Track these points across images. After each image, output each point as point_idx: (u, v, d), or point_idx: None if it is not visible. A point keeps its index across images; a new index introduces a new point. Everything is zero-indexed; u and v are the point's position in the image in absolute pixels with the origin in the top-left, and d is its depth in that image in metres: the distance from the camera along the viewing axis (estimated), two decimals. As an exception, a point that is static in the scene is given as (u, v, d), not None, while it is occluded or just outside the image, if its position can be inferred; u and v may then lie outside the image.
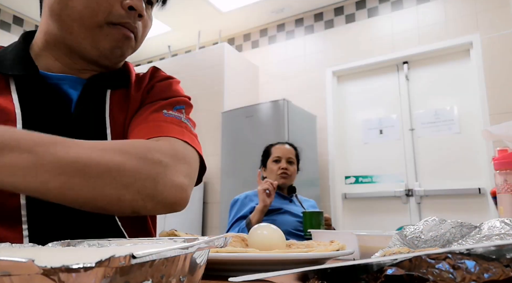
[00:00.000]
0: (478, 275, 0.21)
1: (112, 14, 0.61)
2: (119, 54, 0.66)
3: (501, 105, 2.84)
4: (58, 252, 0.25)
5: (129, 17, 0.63)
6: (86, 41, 0.63)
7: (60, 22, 0.63)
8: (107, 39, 0.63)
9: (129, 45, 0.66)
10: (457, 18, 3.14)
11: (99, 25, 0.61)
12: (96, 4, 0.60)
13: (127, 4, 0.62)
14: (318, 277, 0.24)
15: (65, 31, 0.63)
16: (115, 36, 0.63)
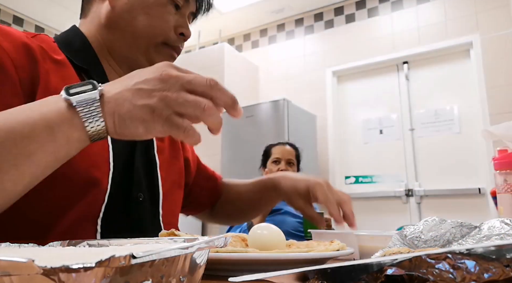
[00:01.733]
0: (478, 275, 0.21)
1: (169, 38, 0.69)
2: None
3: (501, 105, 2.84)
4: (58, 252, 0.25)
5: (179, 41, 0.72)
6: (143, 56, 0.69)
7: (121, 35, 0.68)
8: (159, 57, 0.69)
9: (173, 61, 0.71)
10: (457, 18, 3.14)
11: (156, 45, 0.68)
12: (158, 27, 0.68)
13: (179, 31, 0.70)
14: (318, 277, 0.24)
15: (124, 44, 0.68)
16: (166, 56, 0.70)
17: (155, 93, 0.40)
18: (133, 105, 0.40)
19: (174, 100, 0.40)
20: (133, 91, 0.40)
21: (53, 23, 4.04)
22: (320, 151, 3.50)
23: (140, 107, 0.40)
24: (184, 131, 0.41)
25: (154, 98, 0.40)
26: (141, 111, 0.40)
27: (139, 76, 0.42)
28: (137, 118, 0.40)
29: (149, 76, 0.41)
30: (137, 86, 0.41)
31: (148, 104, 0.40)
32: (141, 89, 0.40)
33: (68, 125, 0.40)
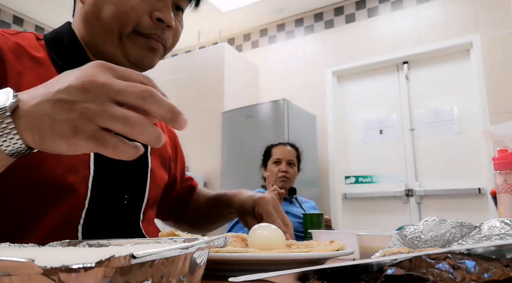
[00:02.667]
0: (478, 275, 0.21)
1: (141, 25, 0.63)
2: (148, 64, 0.67)
3: (501, 105, 2.84)
4: (58, 252, 0.25)
5: (157, 28, 0.64)
6: (117, 50, 0.64)
7: (93, 30, 0.64)
8: (135, 49, 0.64)
9: (156, 55, 0.67)
10: (457, 18, 3.14)
11: (128, 35, 0.63)
12: (125, 14, 0.62)
13: (155, 16, 0.63)
14: (318, 277, 0.24)
15: (98, 40, 0.64)
16: (141, 46, 0.64)
17: (77, 105, 0.34)
18: (53, 120, 0.34)
19: (98, 115, 0.34)
20: (53, 103, 0.34)
21: (53, 23, 4.04)
22: (320, 151, 3.50)
23: (61, 122, 0.34)
24: (113, 149, 0.35)
25: (75, 112, 0.34)
26: (62, 127, 0.34)
27: (62, 82, 0.35)
28: (58, 135, 0.35)
29: (72, 83, 0.35)
30: (58, 96, 0.34)
31: (69, 119, 0.34)
32: (61, 100, 0.34)
33: None
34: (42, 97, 0.35)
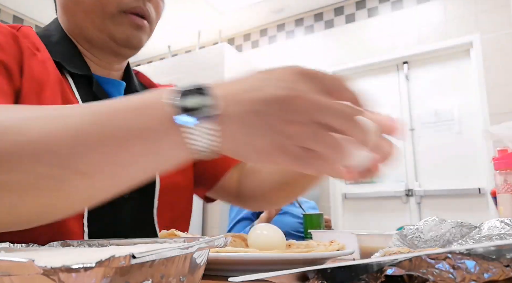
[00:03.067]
0: (478, 275, 0.21)
1: (122, 2, 0.61)
2: (136, 43, 0.65)
3: (501, 105, 2.84)
4: (58, 252, 0.25)
5: (138, 1, 0.62)
6: (102, 34, 0.62)
7: (75, 18, 0.63)
8: (120, 29, 0.62)
9: (143, 32, 0.65)
10: (457, 18, 3.14)
11: (111, 16, 0.61)
12: None
13: None
14: (318, 277, 0.24)
15: (82, 27, 0.63)
16: (127, 25, 0.62)
17: (279, 123, 0.31)
18: (253, 134, 0.32)
19: (304, 138, 0.32)
20: (251, 114, 0.31)
21: (53, 23, 4.04)
22: (320, 151, 3.50)
23: (261, 137, 0.32)
24: (317, 170, 0.33)
25: (277, 130, 0.31)
26: (262, 143, 0.32)
27: (263, 91, 0.32)
28: (257, 150, 0.33)
29: (275, 95, 0.31)
30: (258, 107, 0.31)
31: (271, 138, 0.32)
32: (259, 113, 0.31)
33: (170, 143, 0.32)
34: (241, 105, 0.32)
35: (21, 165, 0.29)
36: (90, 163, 0.30)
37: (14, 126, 0.30)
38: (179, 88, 0.33)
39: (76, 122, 0.31)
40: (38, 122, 0.31)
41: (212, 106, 0.31)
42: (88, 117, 0.32)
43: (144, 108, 0.32)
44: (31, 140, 0.29)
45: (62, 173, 0.29)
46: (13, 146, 0.29)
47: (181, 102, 0.31)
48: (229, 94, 0.33)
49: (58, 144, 0.29)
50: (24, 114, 0.32)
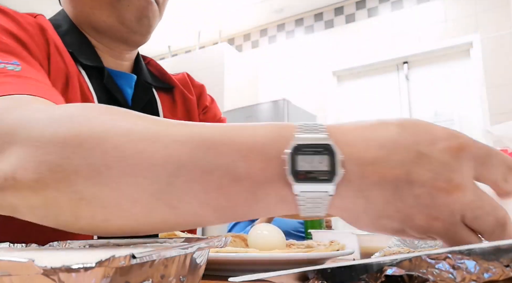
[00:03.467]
0: (478, 275, 0.21)
1: None
2: (147, 23, 0.62)
3: (501, 105, 2.84)
4: (58, 252, 0.25)
5: None
6: (110, 18, 0.59)
7: (81, 4, 0.60)
8: (130, 10, 0.59)
9: (153, 12, 0.62)
10: (457, 18, 3.14)
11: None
12: None
13: None
14: (318, 277, 0.24)
15: (89, 13, 0.60)
16: (136, 4, 0.59)
17: (413, 215, 0.26)
18: (373, 213, 0.27)
19: (439, 234, 0.27)
20: (382, 196, 0.26)
21: (53, 23, 4.04)
22: (320, 151, 3.50)
23: (382, 219, 0.27)
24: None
25: (407, 220, 0.27)
26: (380, 223, 0.28)
27: (404, 169, 0.26)
28: (367, 222, 0.28)
29: (423, 182, 0.26)
30: (392, 189, 0.26)
31: (396, 222, 0.27)
32: (394, 197, 0.26)
33: (277, 198, 0.28)
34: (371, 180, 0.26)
35: (113, 181, 0.26)
36: (182, 200, 0.27)
37: (117, 138, 0.27)
38: (300, 136, 0.27)
39: (180, 152, 0.27)
40: (140, 139, 0.28)
41: (337, 174, 0.26)
42: (195, 149, 0.27)
43: (260, 155, 0.27)
44: (131, 160, 0.27)
45: (151, 201, 0.27)
46: (112, 161, 0.27)
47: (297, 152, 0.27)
48: (359, 159, 0.27)
49: (157, 172, 0.27)
50: (126, 126, 0.28)
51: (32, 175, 0.26)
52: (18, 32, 0.49)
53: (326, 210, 0.27)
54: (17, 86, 0.37)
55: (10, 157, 0.28)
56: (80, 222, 0.27)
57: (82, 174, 0.26)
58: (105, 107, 0.31)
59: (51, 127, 0.28)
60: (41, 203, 0.27)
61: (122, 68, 0.68)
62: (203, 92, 0.80)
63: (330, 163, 0.26)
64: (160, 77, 0.74)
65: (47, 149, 0.27)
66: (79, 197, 0.26)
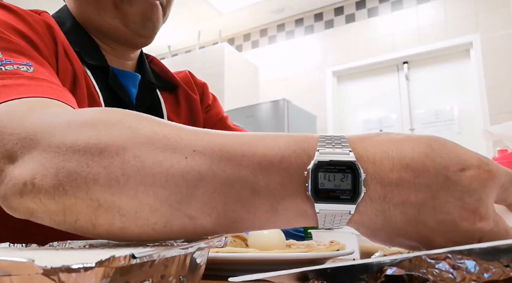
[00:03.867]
0: (478, 275, 0.21)
1: None
2: (151, 27, 0.62)
3: (501, 105, 2.84)
4: (58, 252, 0.25)
5: None
6: (114, 20, 0.59)
7: (85, 4, 0.60)
8: (134, 13, 0.59)
9: (158, 15, 0.62)
10: (457, 18, 3.14)
11: (121, 0, 0.58)
12: None
13: None
14: (318, 277, 0.24)
15: (92, 13, 0.60)
16: (140, 7, 0.59)
17: (438, 239, 0.26)
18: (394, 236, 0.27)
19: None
20: (405, 219, 0.26)
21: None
22: (320, 151, 3.50)
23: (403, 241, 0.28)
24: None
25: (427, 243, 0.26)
26: (400, 243, 0.28)
27: (432, 203, 0.25)
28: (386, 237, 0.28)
29: (449, 216, 0.25)
30: (414, 215, 0.26)
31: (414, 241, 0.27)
32: (420, 219, 0.26)
33: (300, 217, 0.28)
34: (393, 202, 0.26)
35: (132, 190, 0.26)
36: (201, 211, 0.27)
37: (137, 147, 0.27)
38: (322, 151, 0.27)
39: (200, 163, 0.27)
40: (160, 149, 0.27)
41: (360, 194, 0.26)
42: (215, 161, 0.27)
43: (281, 169, 0.27)
44: (150, 170, 0.27)
45: (170, 211, 0.27)
46: (131, 170, 0.26)
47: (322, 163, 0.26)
48: (383, 179, 0.26)
49: (177, 183, 0.27)
50: (146, 135, 0.28)
51: (51, 181, 0.26)
52: (28, 32, 0.49)
53: (344, 225, 0.27)
54: (32, 89, 0.37)
55: (30, 162, 0.28)
56: (98, 229, 0.27)
57: (101, 182, 0.26)
58: (123, 112, 0.30)
59: (71, 134, 0.28)
60: (59, 209, 0.27)
61: (126, 67, 0.67)
62: (206, 90, 0.80)
63: (352, 182, 0.26)
64: (163, 76, 0.73)
65: (66, 156, 0.27)
66: (97, 204, 0.26)
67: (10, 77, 0.38)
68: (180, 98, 0.73)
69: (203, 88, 0.80)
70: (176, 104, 0.71)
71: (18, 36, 0.47)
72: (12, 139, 0.29)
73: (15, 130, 0.30)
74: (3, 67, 0.39)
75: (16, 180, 0.27)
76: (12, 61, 0.41)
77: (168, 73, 0.74)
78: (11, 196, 0.28)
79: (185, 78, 0.77)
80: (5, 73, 0.38)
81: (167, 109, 0.68)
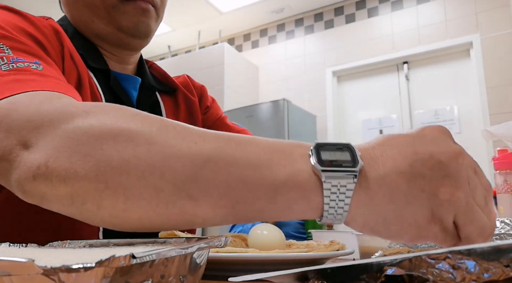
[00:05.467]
0: (478, 275, 0.21)
1: None
2: (144, 29, 0.63)
3: (501, 105, 2.84)
4: (58, 252, 0.25)
5: None
6: (109, 26, 0.61)
7: (79, 12, 0.61)
8: (126, 17, 0.60)
9: (150, 16, 0.62)
10: (457, 18, 3.14)
11: (114, 5, 0.59)
12: None
13: None
14: (318, 277, 0.24)
15: (88, 22, 0.61)
16: (132, 12, 0.60)
17: (435, 190, 0.29)
18: (398, 203, 0.30)
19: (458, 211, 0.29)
20: (401, 177, 0.29)
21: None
22: (320, 151, 3.50)
23: (409, 208, 0.30)
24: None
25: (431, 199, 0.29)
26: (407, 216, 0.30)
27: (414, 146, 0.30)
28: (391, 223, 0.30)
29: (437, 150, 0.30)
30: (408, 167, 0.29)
31: (422, 207, 0.29)
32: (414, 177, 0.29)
33: (302, 200, 0.29)
34: (387, 165, 0.30)
35: (140, 170, 0.28)
36: (204, 191, 0.28)
37: (150, 134, 0.29)
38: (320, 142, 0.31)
39: (208, 147, 0.29)
40: (171, 136, 0.29)
41: (359, 162, 0.29)
42: (222, 144, 0.30)
43: (284, 153, 0.30)
44: (161, 153, 0.28)
45: (173, 191, 0.28)
46: (143, 152, 0.28)
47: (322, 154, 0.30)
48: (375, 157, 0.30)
49: (184, 163, 0.28)
50: (158, 125, 0.30)
51: (64, 163, 0.28)
52: (37, 34, 0.51)
53: (349, 203, 0.29)
54: (43, 84, 0.39)
55: (44, 147, 0.29)
56: (102, 211, 0.29)
57: (112, 164, 0.28)
58: (137, 110, 0.33)
59: (87, 120, 0.30)
60: (67, 193, 0.28)
61: (126, 71, 0.69)
62: (204, 93, 0.81)
63: (351, 155, 0.30)
64: (162, 80, 0.75)
65: (81, 140, 0.28)
66: (105, 186, 0.28)
67: (22, 73, 0.40)
68: (179, 100, 0.74)
69: (202, 90, 0.81)
70: (175, 107, 0.73)
71: (27, 37, 0.49)
72: (28, 127, 0.31)
73: (31, 117, 0.32)
74: (15, 64, 0.41)
75: (31, 164, 0.29)
76: (23, 59, 0.42)
77: (167, 77, 0.76)
78: (24, 179, 0.29)
79: (184, 82, 0.79)
80: (17, 70, 0.40)
81: (166, 112, 0.70)
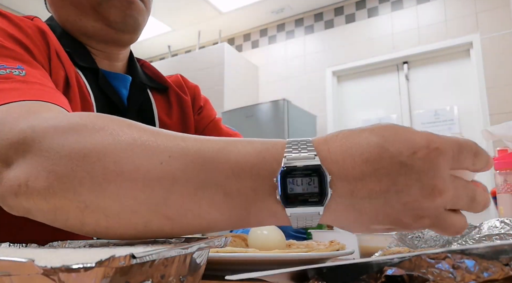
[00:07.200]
0: (478, 274, 0.21)
1: None
2: (133, 23, 0.62)
3: (501, 105, 2.84)
4: (58, 252, 0.25)
5: None
6: (97, 23, 0.60)
7: (65, 11, 0.61)
8: (113, 12, 0.59)
9: (138, 10, 0.62)
10: (457, 18, 3.14)
11: (99, 1, 0.58)
12: None
13: None
14: (317, 277, 0.24)
15: (75, 20, 0.60)
16: (118, 6, 0.59)
17: (406, 218, 0.29)
18: (367, 225, 0.30)
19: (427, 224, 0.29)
20: (374, 209, 0.28)
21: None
22: (320, 151, 3.50)
23: (376, 227, 0.30)
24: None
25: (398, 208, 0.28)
26: (375, 229, 0.30)
27: (391, 180, 0.28)
28: (358, 223, 0.30)
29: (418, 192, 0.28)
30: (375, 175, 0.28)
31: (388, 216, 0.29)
32: (387, 205, 0.28)
33: (272, 218, 0.30)
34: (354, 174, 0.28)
35: (113, 194, 0.28)
36: (178, 213, 0.29)
37: (117, 153, 0.29)
38: (289, 156, 0.29)
39: (175, 168, 0.29)
40: (138, 155, 0.29)
41: (327, 195, 0.28)
42: (189, 165, 0.29)
43: (252, 174, 0.29)
44: (128, 175, 0.28)
45: (149, 213, 0.29)
46: (112, 175, 0.28)
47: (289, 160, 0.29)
48: (347, 177, 0.28)
49: (153, 187, 0.28)
50: (126, 141, 0.30)
51: (43, 183, 0.29)
52: (20, 36, 0.50)
53: (316, 223, 0.29)
54: (24, 92, 0.39)
55: (24, 165, 0.30)
56: (86, 227, 0.30)
57: (86, 186, 0.28)
58: (108, 119, 0.32)
59: (58, 139, 0.30)
60: (50, 209, 0.29)
61: (116, 69, 0.68)
62: (197, 93, 0.81)
63: (319, 185, 0.28)
64: (154, 78, 0.74)
65: (55, 160, 0.29)
66: (84, 205, 0.28)
67: (3, 81, 0.40)
68: (171, 99, 0.73)
69: (195, 90, 0.81)
70: (167, 105, 0.72)
71: (10, 40, 0.48)
72: (5, 144, 0.32)
73: (7, 135, 0.32)
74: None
75: (12, 182, 0.30)
76: (5, 65, 0.42)
77: (158, 75, 0.75)
78: (7, 196, 0.30)
79: (176, 81, 0.78)
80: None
81: (158, 110, 0.69)
